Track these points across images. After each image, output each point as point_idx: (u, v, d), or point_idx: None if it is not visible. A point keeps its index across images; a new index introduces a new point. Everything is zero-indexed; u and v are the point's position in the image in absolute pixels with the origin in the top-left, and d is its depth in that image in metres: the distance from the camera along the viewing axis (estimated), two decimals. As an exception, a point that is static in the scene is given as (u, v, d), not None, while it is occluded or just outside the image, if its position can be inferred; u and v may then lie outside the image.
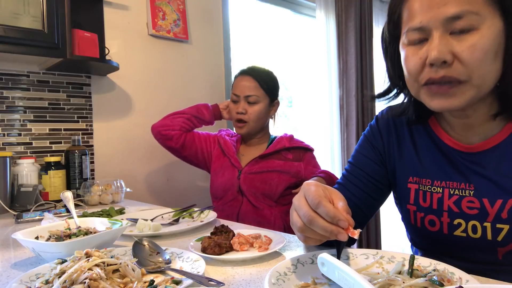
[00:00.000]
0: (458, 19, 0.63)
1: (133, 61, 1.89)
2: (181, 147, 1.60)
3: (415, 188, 0.81)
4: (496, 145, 0.73)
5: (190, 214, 1.18)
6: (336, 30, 2.83)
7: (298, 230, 0.63)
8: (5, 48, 1.28)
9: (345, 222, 0.58)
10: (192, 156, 1.63)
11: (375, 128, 0.90)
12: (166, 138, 1.59)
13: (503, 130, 0.73)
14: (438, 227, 0.78)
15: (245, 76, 1.57)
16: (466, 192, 0.74)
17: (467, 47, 0.63)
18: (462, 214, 0.74)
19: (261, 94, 1.55)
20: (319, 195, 0.60)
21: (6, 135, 1.54)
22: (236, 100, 1.57)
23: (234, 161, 1.53)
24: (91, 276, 0.53)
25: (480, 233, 0.73)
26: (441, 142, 0.79)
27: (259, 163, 1.51)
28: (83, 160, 1.56)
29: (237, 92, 1.56)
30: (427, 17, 0.65)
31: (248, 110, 1.53)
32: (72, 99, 1.70)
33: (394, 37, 0.76)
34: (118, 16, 1.83)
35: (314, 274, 0.62)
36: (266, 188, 1.45)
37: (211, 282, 0.57)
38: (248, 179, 1.47)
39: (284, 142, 1.56)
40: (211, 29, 2.21)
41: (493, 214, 0.71)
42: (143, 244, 0.74)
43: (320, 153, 2.82)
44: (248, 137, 1.63)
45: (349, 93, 2.87)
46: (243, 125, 1.55)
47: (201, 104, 1.67)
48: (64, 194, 0.95)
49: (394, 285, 0.54)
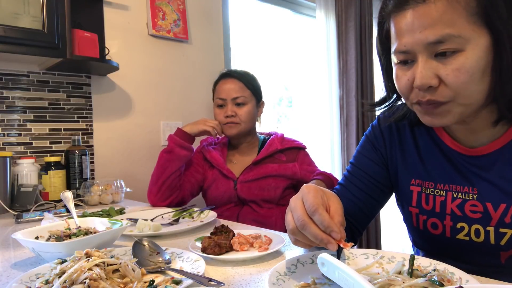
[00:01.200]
0: (440, 44, 0.62)
1: (133, 61, 1.89)
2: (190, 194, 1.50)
3: (417, 190, 0.81)
4: (499, 149, 0.72)
5: (190, 214, 1.18)
6: (336, 30, 2.84)
7: (289, 232, 0.64)
8: (5, 48, 1.28)
9: (338, 234, 0.58)
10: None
11: (377, 129, 0.90)
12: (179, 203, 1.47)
13: (506, 134, 0.72)
14: (441, 230, 0.77)
15: (228, 79, 1.51)
16: (469, 195, 0.74)
17: (452, 70, 0.62)
18: (465, 218, 0.74)
19: (248, 95, 1.50)
20: (316, 202, 0.60)
21: (6, 135, 1.54)
22: (222, 104, 1.50)
23: (227, 172, 1.47)
24: (91, 276, 0.53)
25: (483, 237, 0.72)
26: (444, 145, 0.79)
27: (253, 170, 1.46)
28: (83, 160, 1.56)
29: (223, 96, 1.49)
30: (410, 41, 0.65)
31: (238, 112, 1.47)
32: (72, 99, 1.70)
33: (386, 49, 0.76)
34: (118, 16, 1.83)
35: (314, 274, 0.62)
36: (265, 194, 1.43)
37: (211, 282, 0.57)
38: (245, 187, 1.44)
39: (276, 144, 1.50)
40: (211, 29, 2.21)
41: (496, 218, 0.70)
42: (143, 244, 0.74)
43: (320, 153, 2.82)
44: (237, 141, 1.56)
45: (349, 93, 2.87)
46: (234, 125, 1.48)
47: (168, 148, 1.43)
48: (64, 194, 0.95)
49: (394, 285, 0.54)
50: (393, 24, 0.68)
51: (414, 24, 0.64)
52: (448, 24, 0.61)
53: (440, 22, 0.61)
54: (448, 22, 0.61)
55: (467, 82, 0.62)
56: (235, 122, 1.48)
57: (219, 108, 1.52)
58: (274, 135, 1.58)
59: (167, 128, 2.00)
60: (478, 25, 0.62)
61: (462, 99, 0.64)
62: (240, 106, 1.49)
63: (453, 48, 0.62)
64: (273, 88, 2.81)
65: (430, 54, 0.64)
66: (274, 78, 2.81)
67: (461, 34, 0.61)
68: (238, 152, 1.57)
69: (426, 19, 0.62)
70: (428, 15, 0.62)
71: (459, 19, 0.61)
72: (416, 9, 0.63)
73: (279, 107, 2.96)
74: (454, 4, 0.61)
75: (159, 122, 1.99)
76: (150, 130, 1.96)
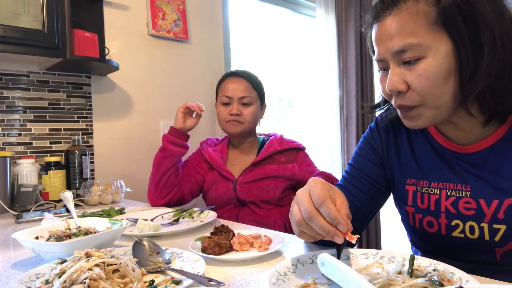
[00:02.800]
0: (404, 52, 0.67)
1: (133, 61, 1.89)
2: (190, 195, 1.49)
3: (413, 189, 0.82)
4: (491, 145, 0.73)
5: (190, 214, 1.18)
6: (336, 30, 2.84)
7: (295, 223, 0.64)
8: (5, 48, 1.28)
9: (344, 227, 0.58)
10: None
11: (374, 131, 0.91)
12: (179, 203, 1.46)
13: (497, 131, 0.73)
14: (436, 228, 0.78)
15: (236, 78, 1.51)
16: (462, 193, 0.75)
17: (416, 76, 0.67)
18: (459, 215, 0.75)
19: (254, 96, 1.51)
20: (324, 194, 0.60)
21: (6, 135, 1.53)
22: (227, 103, 1.49)
23: (226, 173, 1.46)
24: (91, 276, 0.53)
25: (477, 233, 0.73)
26: (437, 144, 0.80)
27: (252, 171, 1.46)
28: (83, 160, 1.56)
29: (229, 94, 1.49)
30: (381, 50, 0.71)
31: (243, 111, 1.48)
32: (72, 99, 1.70)
33: None
34: (118, 16, 1.83)
35: (314, 274, 0.62)
36: (264, 195, 1.43)
37: (211, 282, 0.57)
38: (244, 189, 1.44)
39: (275, 145, 1.50)
40: (211, 29, 2.21)
41: (489, 214, 0.71)
42: (143, 244, 0.74)
43: (320, 153, 2.82)
44: (238, 141, 1.56)
45: (349, 93, 2.87)
46: (238, 123, 1.48)
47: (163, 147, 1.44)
48: (64, 194, 0.95)
49: (394, 285, 0.54)
50: (371, 35, 0.74)
51: (382, 35, 0.70)
52: (409, 34, 0.66)
53: (402, 32, 0.67)
54: (409, 32, 0.66)
55: (430, 87, 0.67)
56: (239, 121, 1.48)
57: (223, 106, 1.51)
58: (273, 136, 1.57)
59: (167, 128, 1.97)
60: (439, 32, 0.66)
61: (430, 102, 0.69)
62: (246, 106, 1.49)
63: (415, 56, 0.67)
64: (273, 88, 2.81)
65: (398, 62, 0.69)
66: (274, 78, 2.81)
67: (421, 43, 0.66)
68: (238, 153, 1.57)
69: (391, 29, 0.68)
70: (392, 26, 0.68)
71: (419, 28, 0.66)
72: (384, 21, 0.69)
73: (279, 107, 2.96)
74: (414, 15, 0.66)
75: (159, 122, 1.99)
76: (150, 130, 1.96)
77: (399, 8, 0.68)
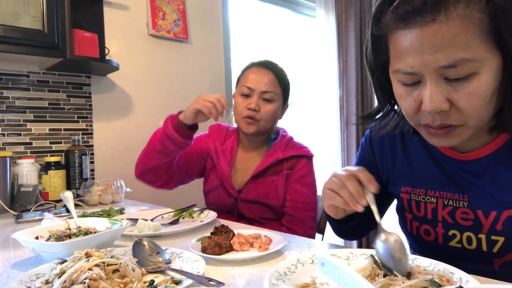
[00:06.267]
0: (452, 68, 0.57)
1: (133, 61, 1.89)
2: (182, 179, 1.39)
3: (406, 198, 0.81)
4: (492, 153, 0.71)
5: (190, 214, 1.18)
6: (336, 30, 2.84)
7: (330, 186, 0.71)
8: (5, 48, 1.28)
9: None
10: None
11: (367, 142, 0.91)
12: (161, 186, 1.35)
13: (498, 138, 0.70)
14: (433, 237, 0.77)
15: (262, 69, 1.32)
16: (460, 203, 0.73)
17: (464, 94, 0.58)
18: (456, 225, 0.73)
19: (278, 92, 1.31)
20: (359, 167, 0.70)
21: (6, 135, 1.54)
22: (247, 94, 1.29)
23: (229, 186, 1.31)
24: (91, 276, 0.53)
25: (475, 244, 0.72)
26: (436, 151, 0.78)
27: (253, 185, 1.30)
28: (83, 160, 1.56)
29: (251, 85, 1.28)
30: (418, 63, 0.59)
31: (262, 108, 1.28)
32: (72, 99, 1.70)
33: (381, 62, 0.70)
34: (118, 16, 1.83)
35: (314, 274, 0.62)
36: (266, 215, 1.32)
37: (211, 282, 0.57)
38: (246, 207, 1.31)
39: (278, 153, 1.31)
40: (211, 29, 2.21)
41: (487, 226, 0.70)
42: (143, 244, 0.74)
43: (320, 154, 2.82)
44: (248, 140, 1.37)
45: (349, 93, 2.87)
46: (253, 122, 1.28)
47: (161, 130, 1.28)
48: (64, 194, 0.95)
49: (394, 285, 0.54)
50: (394, 41, 0.62)
51: (423, 45, 0.57)
52: (461, 47, 0.55)
53: (453, 45, 0.55)
54: (462, 45, 0.55)
55: (479, 106, 0.59)
56: (255, 118, 1.28)
57: (242, 97, 1.31)
58: (280, 136, 1.38)
59: (167, 128, 1.99)
60: (491, 45, 0.56)
61: (473, 122, 0.61)
62: (267, 103, 1.29)
63: (465, 73, 0.57)
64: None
65: (440, 77, 0.59)
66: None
67: (475, 58, 0.56)
68: (245, 155, 1.39)
69: (437, 40, 0.56)
70: (439, 36, 0.56)
71: (473, 40, 0.55)
72: (425, 29, 0.56)
73: (279, 107, 2.96)
74: (467, 23, 0.55)
75: (159, 122, 1.98)
76: (150, 130, 1.93)
77: (448, 14, 0.55)
